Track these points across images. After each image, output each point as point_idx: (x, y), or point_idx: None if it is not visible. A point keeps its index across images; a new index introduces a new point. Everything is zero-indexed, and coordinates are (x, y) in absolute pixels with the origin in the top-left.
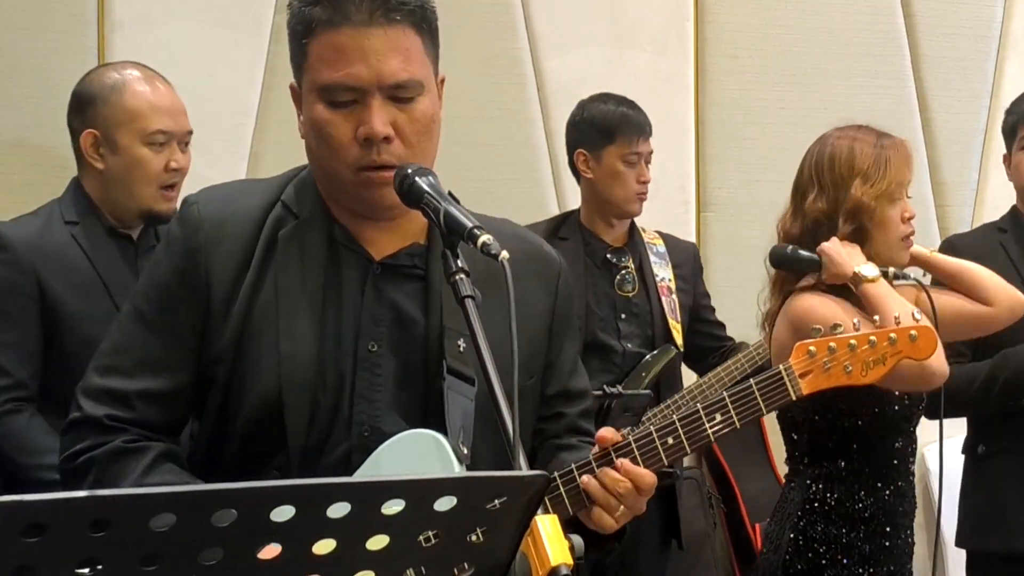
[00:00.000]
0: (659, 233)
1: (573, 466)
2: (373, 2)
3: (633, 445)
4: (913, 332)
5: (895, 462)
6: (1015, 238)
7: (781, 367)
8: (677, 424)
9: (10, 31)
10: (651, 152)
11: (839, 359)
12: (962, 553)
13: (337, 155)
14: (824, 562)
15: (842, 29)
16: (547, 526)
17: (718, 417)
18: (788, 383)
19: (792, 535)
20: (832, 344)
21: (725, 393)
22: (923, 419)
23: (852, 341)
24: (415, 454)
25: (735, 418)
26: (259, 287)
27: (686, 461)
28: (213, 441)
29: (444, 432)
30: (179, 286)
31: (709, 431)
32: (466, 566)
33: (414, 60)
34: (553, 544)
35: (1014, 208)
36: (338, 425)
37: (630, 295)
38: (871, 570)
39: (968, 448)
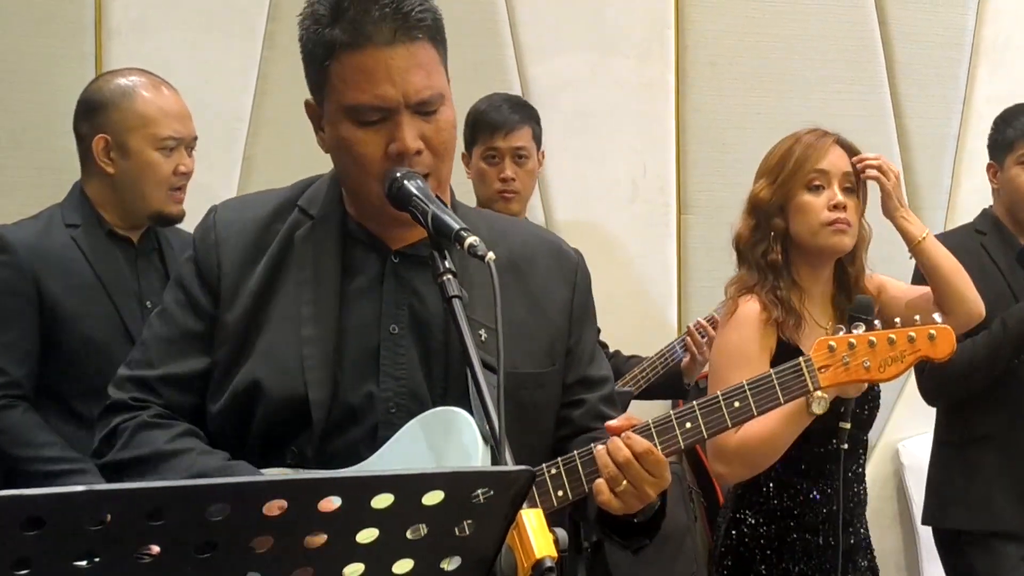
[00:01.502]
0: None
1: (593, 445)
2: (394, 21)
3: (652, 428)
4: (932, 331)
5: (828, 466)
6: (995, 240)
7: (801, 360)
8: (696, 409)
9: (10, 38)
10: (520, 147)
11: (858, 355)
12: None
13: (367, 171)
14: (756, 556)
15: (819, 37)
16: (532, 519)
17: (736, 404)
18: (807, 375)
19: (726, 528)
20: (852, 341)
21: (744, 382)
22: (895, 417)
23: (872, 338)
24: (443, 431)
25: (753, 406)
26: (277, 284)
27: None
28: (235, 425)
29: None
30: (196, 279)
31: (728, 418)
32: (453, 559)
33: (434, 73)
34: (538, 537)
35: (986, 212)
36: (364, 401)
37: None
38: (800, 566)
39: (947, 436)
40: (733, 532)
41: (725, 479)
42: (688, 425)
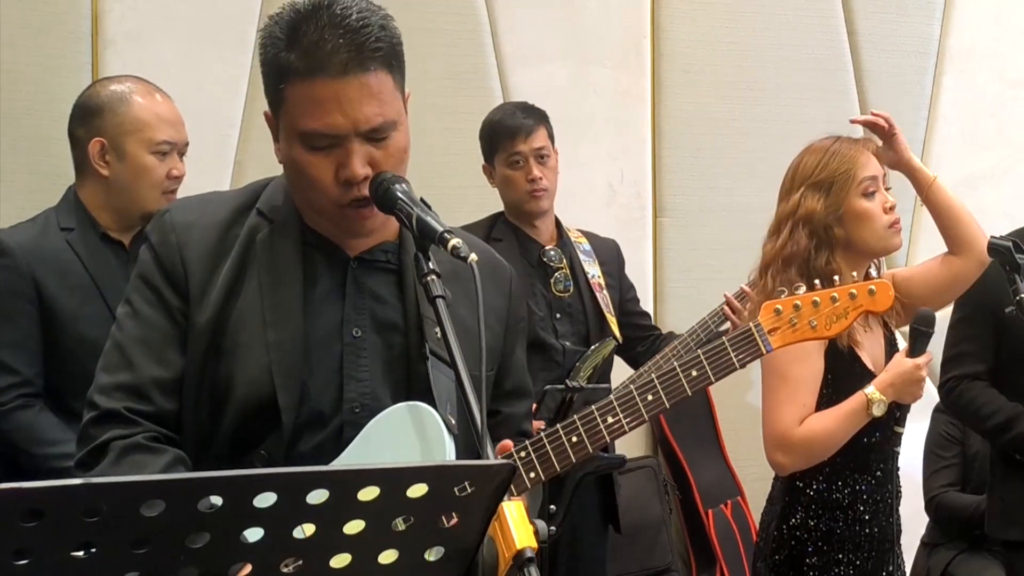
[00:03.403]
0: (581, 232)
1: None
2: (348, 52)
3: (615, 403)
4: (872, 287)
5: (872, 454)
6: None
7: (751, 324)
8: (656, 381)
9: (11, 48)
10: (540, 147)
11: (804, 315)
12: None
13: (318, 192)
14: (808, 549)
15: (790, 46)
16: (513, 512)
17: (694, 373)
18: (758, 339)
19: (776, 524)
20: (798, 302)
21: (700, 351)
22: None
23: (816, 299)
24: (408, 425)
25: (710, 373)
26: (240, 286)
27: (643, 450)
28: (204, 426)
29: (431, 405)
30: (163, 280)
31: (686, 386)
32: (437, 549)
33: (387, 101)
34: (519, 529)
35: None
36: (330, 403)
37: (564, 296)
38: (851, 556)
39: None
40: (784, 527)
41: (784, 469)
42: (650, 397)
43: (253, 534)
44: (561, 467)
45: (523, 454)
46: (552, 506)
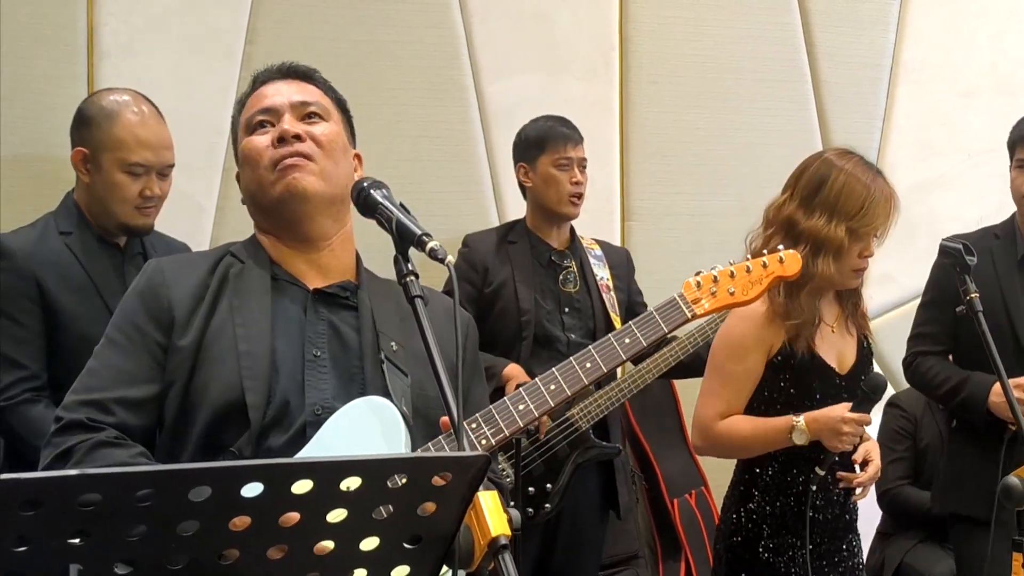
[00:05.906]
0: (595, 240)
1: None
2: (285, 68)
3: (556, 373)
4: (782, 256)
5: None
6: (1005, 245)
7: (675, 295)
8: (592, 351)
9: (10, 59)
10: (583, 158)
11: (722, 285)
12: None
13: (258, 163)
14: (764, 532)
15: (751, 58)
16: (488, 501)
17: (627, 340)
18: (682, 306)
19: (735, 508)
20: (716, 275)
21: (631, 322)
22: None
23: (732, 270)
24: (367, 416)
25: (640, 338)
26: (215, 309)
27: (611, 442)
28: (177, 433)
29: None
30: (145, 313)
31: (620, 351)
32: (416, 537)
33: (320, 99)
34: (494, 517)
35: (1014, 215)
36: (294, 406)
37: (572, 292)
38: (801, 541)
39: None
40: (741, 510)
41: (700, 451)
42: (588, 364)
43: (240, 522)
44: (510, 433)
45: (473, 425)
46: (548, 484)
